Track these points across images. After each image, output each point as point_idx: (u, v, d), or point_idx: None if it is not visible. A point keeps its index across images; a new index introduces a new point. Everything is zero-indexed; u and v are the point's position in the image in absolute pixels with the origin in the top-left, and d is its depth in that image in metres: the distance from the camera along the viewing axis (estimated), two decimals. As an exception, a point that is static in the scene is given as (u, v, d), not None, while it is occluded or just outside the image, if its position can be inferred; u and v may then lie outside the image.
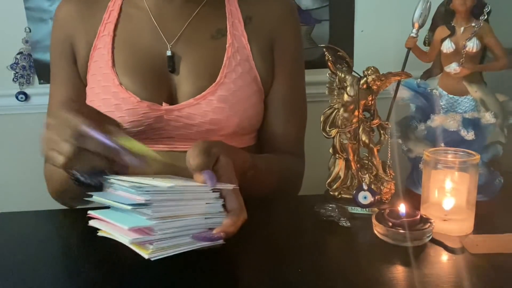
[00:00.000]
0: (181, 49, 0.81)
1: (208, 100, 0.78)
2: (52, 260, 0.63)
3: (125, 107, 0.77)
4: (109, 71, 0.79)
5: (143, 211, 0.50)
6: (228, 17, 0.83)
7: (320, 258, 0.59)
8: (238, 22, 0.83)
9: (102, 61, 0.80)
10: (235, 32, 0.82)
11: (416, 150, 0.76)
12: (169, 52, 0.80)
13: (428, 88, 0.76)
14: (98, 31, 0.82)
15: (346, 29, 1.32)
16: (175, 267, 0.55)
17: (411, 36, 0.75)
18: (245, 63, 0.82)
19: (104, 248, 0.58)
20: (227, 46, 0.81)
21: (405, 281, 0.52)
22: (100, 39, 0.81)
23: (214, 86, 0.78)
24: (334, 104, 0.73)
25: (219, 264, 0.56)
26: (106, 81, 0.79)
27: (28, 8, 1.23)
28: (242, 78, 0.81)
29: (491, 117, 0.71)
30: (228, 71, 0.79)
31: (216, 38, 0.82)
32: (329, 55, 0.71)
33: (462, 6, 0.70)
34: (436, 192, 0.66)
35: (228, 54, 0.80)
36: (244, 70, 0.81)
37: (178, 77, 0.80)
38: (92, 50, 0.81)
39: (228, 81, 0.79)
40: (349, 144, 0.72)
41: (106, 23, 0.82)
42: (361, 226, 0.65)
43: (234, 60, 0.81)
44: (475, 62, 0.73)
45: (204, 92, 0.78)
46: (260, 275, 0.55)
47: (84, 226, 0.57)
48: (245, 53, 0.82)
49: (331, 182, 0.74)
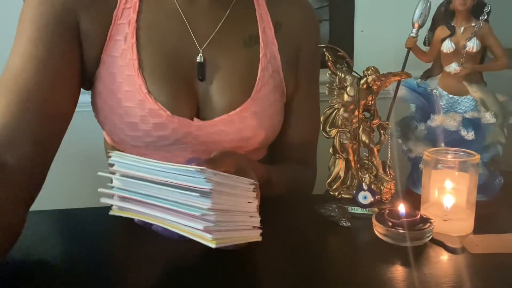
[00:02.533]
0: (212, 55, 0.72)
1: (242, 116, 0.71)
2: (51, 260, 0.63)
3: (152, 120, 0.68)
4: (135, 74, 0.67)
5: (200, 199, 0.45)
6: (259, 22, 0.76)
7: (320, 258, 0.59)
8: (269, 29, 0.76)
9: (123, 59, 0.68)
10: (267, 40, 0.76)
11: (416, 150, 0.76)
12: (200, 58, 0.71)
13: (428, 88, 0.76)
14: (114, 16, 0.68)
15: (346, 29, 1.32)
16: (174, 266, 0.55)
17: (411, 36, 0.75)
18: (276, 75, 0.77)
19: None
20: (260, 56, 0.74)
21: (405, 281, 0.52)
22: (117, 28, 0.68)
23: (250, 102, 0.72)
24: (334, 104, 0.73)
25: (219, 264, 0.56)
26: (130, 85, 0.68)
27: (28, 8, 1.23)
28: (274, 92, 0.76)
29: (491, 117, 0.71)
30: (262, 84, 0.73)
31: (249, 45, 0.74)
32: (329, 55, 0.71)
33: (462, 6, 0.70)
34: (436, 192, 0.66)
35: (262, 65, 0.74)
36: (276, 83, 0.76)
37: (207, 87, 0.72)
38: (108, 40, 0.68)
39: (262, 96, 0.74)
40: (349, 144, 0.72)
41: (123, 8, 0.68)
42: (361, 226, 0.65)
43: (267, 72, 0.75)
44: (475, 62, 0.73)
45: (238, 109, 0.71)
46: (260, 275, 0.55)
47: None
48: (276, 64, 0.77)
49: (331, 182, 0.74)
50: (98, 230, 0.69)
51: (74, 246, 0.64)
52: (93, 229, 0.69)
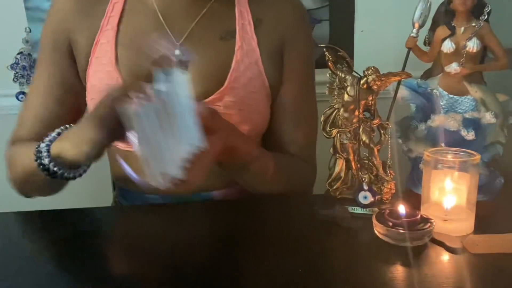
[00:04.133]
0: (189, 49, 0.77)
1: (215, 106, 0.75)
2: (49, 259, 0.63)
3: None
4: (112, 69, 0.76)
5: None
6: (237, 18, 0.80)
7: (320, 258, 0.59)
8: (248, 24, 0.80)
9: (105, 58, 0.77)
10: (245, 35, 0.79)
11: (416, 150, 0.76)
12: (177, 52, 0.75)
13: (428, 88, 0.76)
14: (101, 25, 0.78)
15: (346, 29, 1.32)
16: (172, 264, 0.55)
17: (411, 36, 0.75)
18: (254, 67, 0.79)
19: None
20: (236, 49, 0.78)
21: (405, 281, 0.52)
22: (103, 34, 0.78)
23: (222, 92, 0.76)
24: (334, 104, 0.73)
25: (219, 263, 0.56)
26: (109, 79, 0.76)
27: (28, 8, 1.23)
28: (251, 83, 0.78)
29: (491, 117, 0.71)
30: (236, 75, 0.77)
31: (225, 39, 0.79)
32: (329, 55, 0.71)
33: (462, 6, 0.70)
34: (436, 192, 0.66)
35: (237, 58, 0.77)
36: (253, 75, 0.79)
37: None
38: (94, 45, 0.78)
39: (236, 86, 0.77)
40: (349, 144, 0.72)
41: (109, 17, 0.78)
42: (361, 226, 0.65)
43: (243, 64, 0.78)
44: (475, 62, 0.73)
45: (211, 98, 0.76)
46: (260, 275, 0.55)
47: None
48: (254, 56, 0.79)
49: (331, 182, 0.74)
50: (98, 230, 0.69)
51: (74, 246, 0.64)
52: (93, 229, 0.69)
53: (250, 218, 0.71)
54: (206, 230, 0.68)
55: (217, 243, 0.62)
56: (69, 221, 0.74)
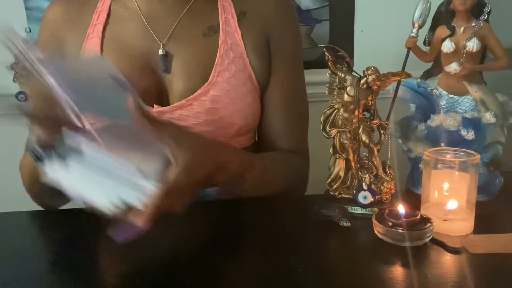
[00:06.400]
0: (173, 47, 0.79)
1: (201, 101, 0.76)
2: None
3: None
4: None
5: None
6: (220, 12, 0.81)
7: (320, 258, 0.59)
8: (231, 18, 0.81)
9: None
10: (228, 29, 0.80)
11: (416, 150, 0.76)
12: (161, 51, 0.78)
13: (428, 88, 0.76)
14: (87, 33, 0.80)
15: (346, 29, 1.32)
16: (171, 266, 0.55)
17: (411, 36, 0.75)
18: (239, 60, 0.80)
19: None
20: (219, 44, 0.79)
21: (405, 281, 0.52)
22: (89, 41, 0.80)
23: (207, 86, 0.76)
24: (334, 104, 0.73)
25: (219, 263, 0.56)
26: None
27: (28, 8, 1.23)
28: (236, 77, 0.79)
29: (491, 117, 0.71)
30: (220, 69, 0.78)
31: (208, 35, 0.80)
32: (329, 55, 0.71)
33: (462, 6, 0.70)
34: (436, 192, 0.66)
35: (220, 52, 0.78)
36: (238, 68, 0.79)
37: (170, 77, 0.78)
38: (82, 53, 0.80)
39: (221, 80, 0.77)
40: (349, 144, 0.72)
41: (95, 24, 0.80)
42: (361, 226, 0.65)
43: (227, 58, 0.79)
44: (475, 62, 0.73)
45: (196, 93, 0.76)
46: (260, 275, 0.55)
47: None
48: (239, 50, 0.80)
49: (331, 182, 0.74)
50: (97, 230, 0.69)
51: (74, 246, 0.64)
52: (91, 229, 0.69)
53: (250, 218, 0.71)
54: (204, 230, 0.68)
55: (216, 243, 0.62)
56: (69, 221, 0.74)
